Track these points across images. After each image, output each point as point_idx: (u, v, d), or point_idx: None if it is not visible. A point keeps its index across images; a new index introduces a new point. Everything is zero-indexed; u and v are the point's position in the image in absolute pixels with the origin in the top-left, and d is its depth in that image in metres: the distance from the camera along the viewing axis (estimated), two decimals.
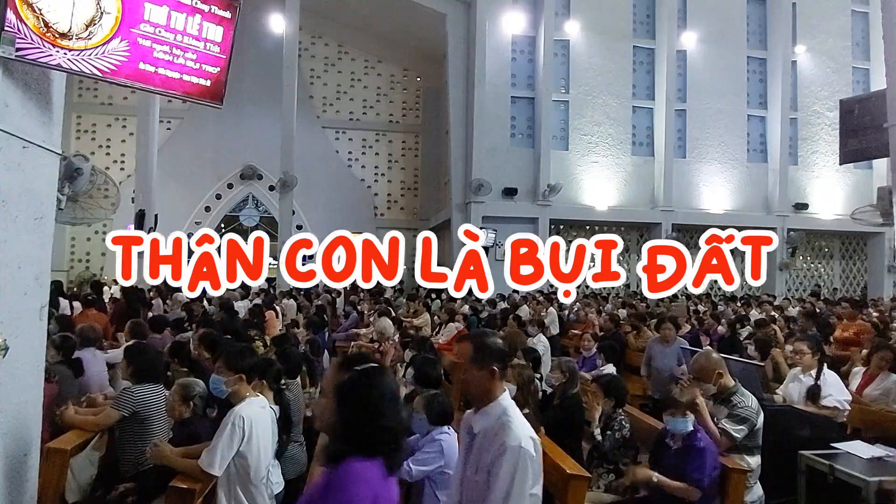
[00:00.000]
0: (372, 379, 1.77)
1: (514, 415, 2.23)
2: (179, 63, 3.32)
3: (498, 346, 2.29)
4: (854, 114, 4.64)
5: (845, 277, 19.89)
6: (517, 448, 2.11)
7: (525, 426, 2.22)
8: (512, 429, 2.15)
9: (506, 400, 2.26)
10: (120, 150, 19.59)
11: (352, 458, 1.67)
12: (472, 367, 2.24)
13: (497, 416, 2.21)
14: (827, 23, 18.96)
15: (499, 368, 2.25)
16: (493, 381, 2.23)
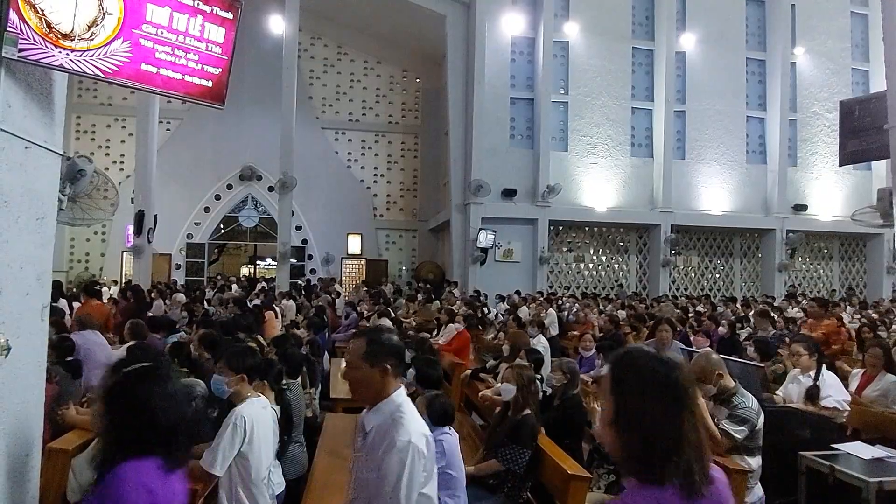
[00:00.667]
0: (140, 379, 1.79)
1: (407, 411, 2.18)
2: (181, 64, 3.32)
3: (392, 344, 2.26)
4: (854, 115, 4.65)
5: (844, 279, 19.91)
6: (406, 443, 2.06)
7: (418, 423, 2.18)
8: (403, 425, 2.10)
9: (400, 397, 2.22)
10: (119, 150, 19.59)
11: (124, 460, 1.67)
12: (363, 363, 2.19)
13: (390, 413, 2.17)
14: (826, 24, 18.99)
15: (392, 366, 2.20)
16: (385, 379, 2.19)
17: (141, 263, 14.64)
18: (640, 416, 1.36)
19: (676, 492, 1.33)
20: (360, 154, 21.34)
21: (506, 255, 16.92)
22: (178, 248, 19.44)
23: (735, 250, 19.30)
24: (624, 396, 1.40)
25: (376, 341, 2.23)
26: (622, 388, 1.41)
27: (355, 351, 2.22)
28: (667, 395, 1.37)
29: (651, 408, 1.36)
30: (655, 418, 1.35)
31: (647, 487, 1.35)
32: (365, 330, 2.41)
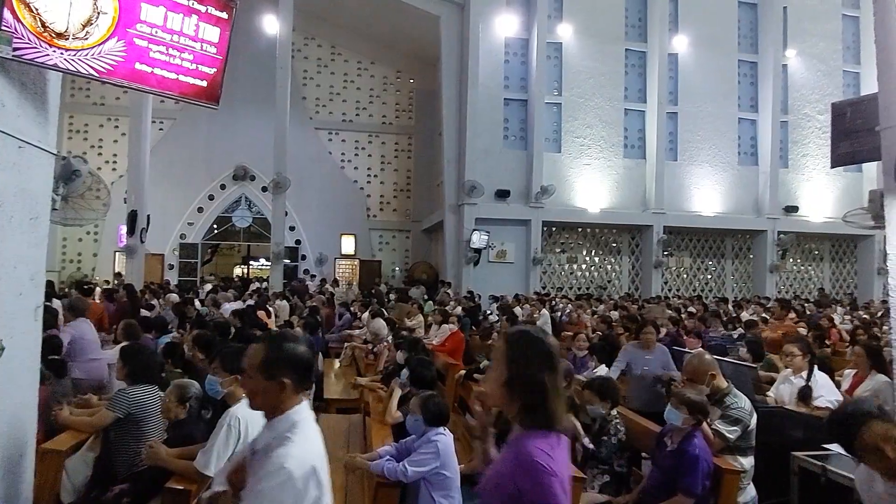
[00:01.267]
0: None
1: (300, 432, 1.89)
2: (176, 64, 3.32)
3: (295, 355, 1.96)
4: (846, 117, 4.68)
5: (835, 280, 20.05)
6: (279, 468, 1.77)
7: (307, 447, 1.87)
8: (286, 446, 1.83)
9: (297, 414, 1.93)
10: (112, 150, 19.49)
11: None
12: (257, 374, 1.93)
13: (281, 432, 1.89)
14: (817, 26, 19.12)
15: (290, 381, 1.92)
16: (281, 394, 1.91)
17: (134, 263, 14.56)
18: (529, 379, 1.75)
19: (558, 433, 1.76)
20: (354, 154, 21.33)
21: (499, 255, 16.94)
22: (171, 249, 19.36)
23: (727, 251, 19.40)
24: (517, 363, 1.77)
25: (275, 351, 1.95)
26: (516, 357, 1.78)
27: (252, 358, 1.96)
28: (546, 361, 1.77)
29: (536, 372, 1.75)
30: (540, 379, 1.74)
31: (537, 432, 1.73)
32: (268, 335, 2.15)
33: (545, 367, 1.77)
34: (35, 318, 2.82)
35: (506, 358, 1.79)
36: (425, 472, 3.35)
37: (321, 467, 1.87)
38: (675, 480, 3.42)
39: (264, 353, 1.95)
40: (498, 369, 1.80)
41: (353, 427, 5.41)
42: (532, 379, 1.75)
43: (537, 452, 1.69)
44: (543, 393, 1.74)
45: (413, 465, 3.35)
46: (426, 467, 3.35)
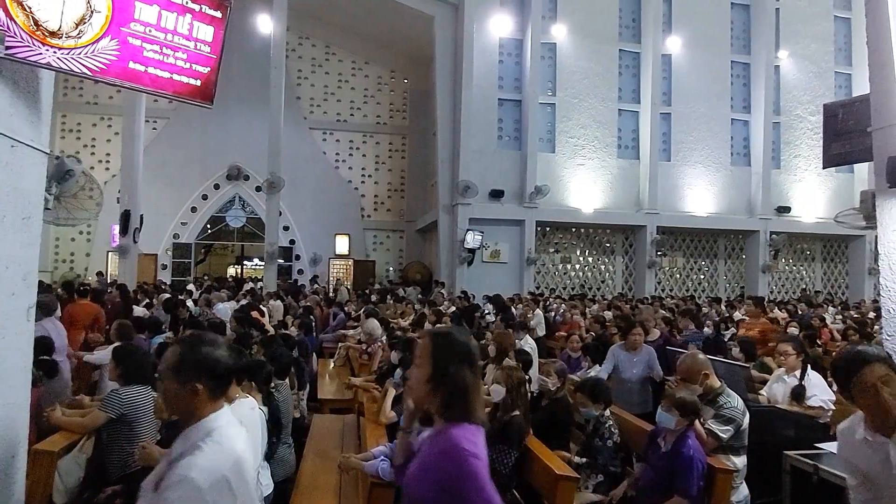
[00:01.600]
0: None
1: (215, 440, 1.78)
2: (170, 63, 3.30)
3: (211, 359, 1.85)
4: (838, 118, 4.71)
5: (827, 280, 20.18)
6: (182, 479, 1.67)
7: (219, 456, 1.76)
8: (193, 456, 1.73)
9: (213, 422, 1.82)
10: (105, 149, 19.40)
11: None
12: (171, 378, 1.83)
13: (194, 441, 1.78)
14: (809, 28, 19.24)
15: (204, 387, 1.81)
16: (194, 399, 1.81)
17: (126, 263, 14.50)
18: (451, 375, 1.86)
19: (477, 425, 1.88)
20: (348, 154, 21.31)
21: (493, 255, 16.96)
22: (164, 249, 19.28)
23: (720, 251, 19.49)
24: (441, 361, 1.89)
25: (188, 354, 1.85)
26: (439, 355, 1.90)
27: (166, 361, 1.87)
28: (466, 360, 1.90)
29: (458, 369, 1.87)
30: (461, 376, 1.87)
31: (459, 424, 1.84)
32: (184, 337, 2.04)
33: (466, 364, 1.89)
34: (27, 318, 2.80)
35: (430, 356, 1.91)
36: None
37: (237, 474, 1.77)
38: (671, 481, 3.44)
39: (177, 357, 1.85)
40: (423, 367, 1.92)
41: (347, 427, 5.41)
42: (454, 376, 1.86)
43: (461, 440, 1.79)
44: (464, 389, 1.86)
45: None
46: None
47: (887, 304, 4.31)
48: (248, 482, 1.83)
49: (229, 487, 1.73)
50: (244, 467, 1.83)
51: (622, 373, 5.83)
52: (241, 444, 1.87)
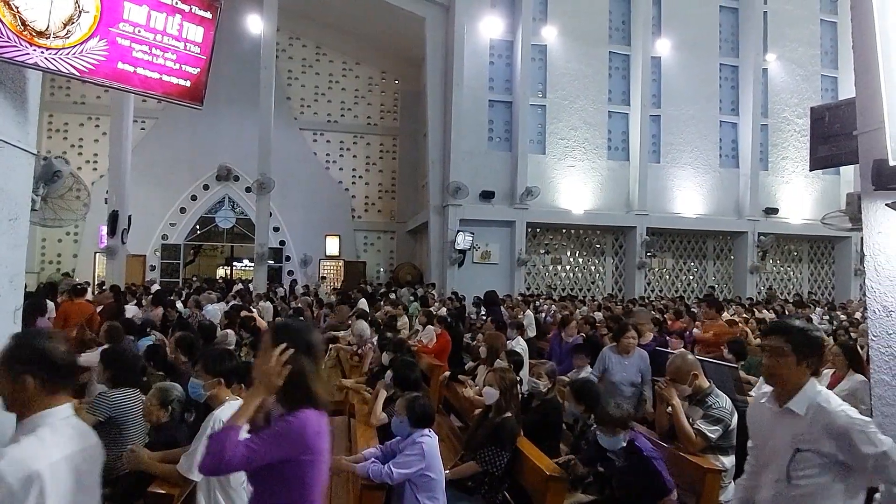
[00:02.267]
0: None
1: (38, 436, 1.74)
2: (159, 63, 3.29)
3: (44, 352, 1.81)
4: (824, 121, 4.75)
5: (814, 281, 20.36)
6: None
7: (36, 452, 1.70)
8: (12, 447, 1.70)
9: (46, 418, 1.79)
10: (93, 149, 19.24)
11: None
12: (3, 372, 1.80)
13: (19, 433, 1.76)
14: (797, 31, 19.42)
15: (36, 379, 1.78)
16: (24, 393, 1.77)
17: (114, 265, 14.38)
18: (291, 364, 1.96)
19: (319, 410, 2.00)
20: (339, 155, 21.28)
21: (483, 256, 16.98)
22: (152, 250, 19.15)
23: (708, 252, 19.62)
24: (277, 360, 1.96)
25: (19, 348, 1.82)
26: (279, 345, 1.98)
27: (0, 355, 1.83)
28: (306, 349, 2.01)
29: (297, 357, 1.98)
30: (300, 364, 1.98)
31: (302, 410, 1.96)
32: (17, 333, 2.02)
33: (305, 353, 2.01)
34: (14, 320, 2.78)
35: (271, 346, 1.99)
36: (410, 473, 3.35)
37: (55, 476, 1.71)
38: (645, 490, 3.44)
39: (8, 349, 1.82)
40: (265, 355, 2.00)
41: (337, 429, 5.40)
42: (293, 364, 1.96)
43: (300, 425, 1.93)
44: (304, 376, 1.98)
45: (398, 467, 3.35)
46: (411, 469, 3.35)
47: (873, 304, 4.36)
48: (70, 489, 1.77)
49: (40, 486, 1.66)
50: (68, 471, 1.77)
51: (612, 375, 5.60)
52: (73, 447, 1.82)
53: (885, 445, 2.14)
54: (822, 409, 2.23)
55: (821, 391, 2.32)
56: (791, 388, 2.31)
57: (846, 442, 2.16)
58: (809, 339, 2.35)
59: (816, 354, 2.35)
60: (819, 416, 2.22)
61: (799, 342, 2.32)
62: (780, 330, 2.39)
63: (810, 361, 2.32)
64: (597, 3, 17.97)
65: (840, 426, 2.18)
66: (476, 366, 6.55)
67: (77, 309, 7.49)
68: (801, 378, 2.31)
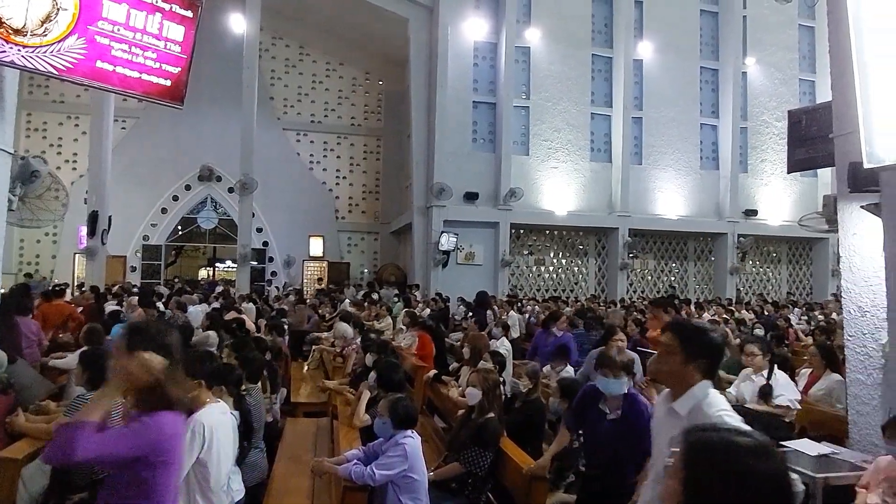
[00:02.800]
0: None
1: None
2: (139, 62, 3.26)
3: None
4: (801, 124, 4.85)
5: (792, 281, 20.67)
6: None
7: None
8: None
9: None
10: (72, 149, 18.98)
11: None
12: None
13: None
14: (775, 36, 19.70)
15: None
16: None
17: (94, 266, 14.19)
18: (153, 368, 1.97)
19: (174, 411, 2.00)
20: (323, 156, 21.20)
21: (467, 257, 17.01)
22: (133, 250, 18.93)
23: (689, 254, 19.83)
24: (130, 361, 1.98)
25: None
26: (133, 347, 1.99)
27: None
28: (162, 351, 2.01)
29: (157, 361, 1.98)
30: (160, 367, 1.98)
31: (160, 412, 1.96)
32: None
33: (162, 355, 2.01)
34: None
35: (126, 350, 2.01)
36: (393, 475, 3.35)
37: None
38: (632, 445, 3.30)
39: None
40: (121, 360, 2.02)
41: (320, 431, 5.38)
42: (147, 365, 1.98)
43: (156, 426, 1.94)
44: (159, 378, 1.99)
45: (381, 469, 3.35)
46: (394, 470, 3.35)
47: (848, 305, 4.45)
48: None
49: None
50: None
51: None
52: None
53: None
54: (700, 412, 2.15)
55: (709, 394, 2.23)
56: (680, 388, 2.24)
57: None
58: (703, 340, 2.28)
59: (707, 357, 2.26)
60: (695, 419, 2.11)
61: (690, 342, 2.26)
62: (673, 328, 2.36)
63: (700, 363, 2.24)
64: (580, 5, 18.09)
65: None
66: (459, 367, 6.56)
67: (56, 310, 7.41)
68: (689, 379, 2.24)
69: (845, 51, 3.86)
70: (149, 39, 3.32)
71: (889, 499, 3.39)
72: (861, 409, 4.31)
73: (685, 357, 2.24)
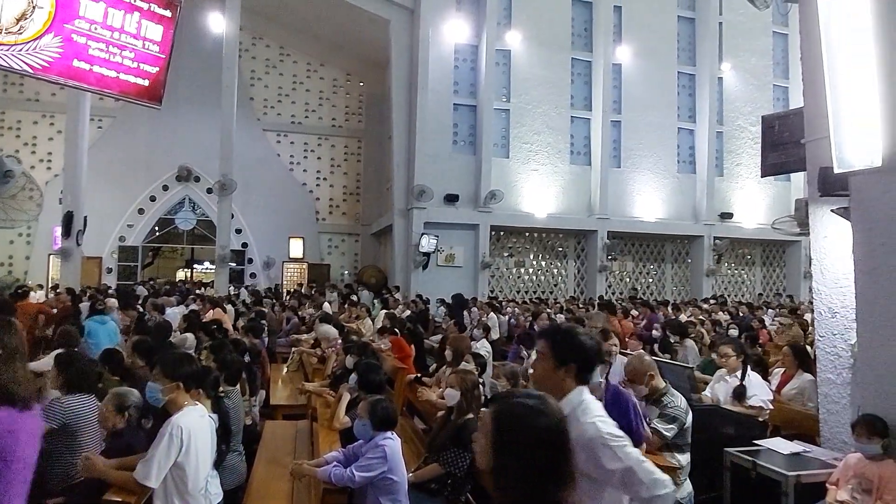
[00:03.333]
0: None
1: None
2: (116, 61, 3.24)
3: None
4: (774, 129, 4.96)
5: (766, 283, 21.03)
6: None
7: None
8: None
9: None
10: (47, 148, 18.66)
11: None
12: None
13: None
14: (750, 42, 20.06)
15: None
16: None
17: (69, 267, 13.95)
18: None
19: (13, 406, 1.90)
20: (303, 157, 21.10)
21: (448, 259, 17.03)
22: (109, 252, 18.65)
23: (667, 256, 20.08)
24: None
25: None
26: None
27: None
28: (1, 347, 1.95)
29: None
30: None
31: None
32: None
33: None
34: None
35: None
36: (373, 476, 3.35)
37: None
38: None
39: None
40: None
41: (300, 433, 5.36)
42: None
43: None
44: None
45: (361, 471, 3.35)
46: (374, 472, 3.35)
47: (819, 306, 4.56)
48: None
49: None
50: None
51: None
52: None
53: (631, 461, 2.05)
54: (575, 419, 2.06)
55: (583, 401, 2.17)
56: (557, 394, 2.12)
57: (592, 455, 2.04)
58: (571, 343, 2.23)
59: (576, 360, 2.20)
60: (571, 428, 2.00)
61: (558, 346, 2.22)
62: (545, 333, 2.34)
63: (571, 367, 2.19)
64: (560, 9, 18.23)
65: (587, 439, 2.05)
66: (437, 368, 6.58)
67: (20, 311, 7.26)
68: (562, 384, 2.18)
69: (816, 58, 3.96)
70: (126, 38, 3.30)
71: (858, 495, 3.49)
72: (831, 408, 4.41)
73: (555, 362, 2.20)
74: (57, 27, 2.87)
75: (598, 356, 2.33)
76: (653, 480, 2.05)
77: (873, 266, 3.71)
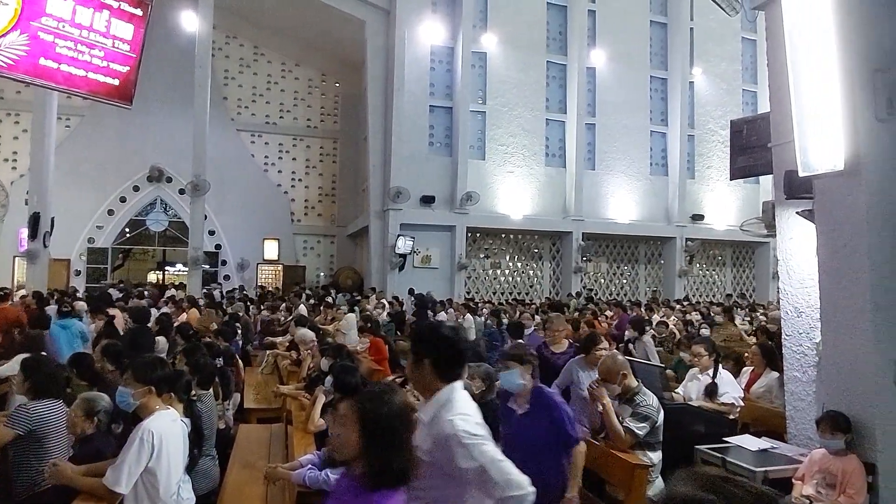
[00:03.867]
0: None
1: None
2: (85, 60, 3.19)
3: None
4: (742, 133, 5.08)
5: (736, 283, 21.44)
6: None
7: None
8: None
9: None
10: (12, 147, 18.17)
11: None
12: None
13: None
14: (720, 47, 20.46)
15: None
16: None
17: (36, 269, 13.63)
18: None
19: None
20: (278, 158, 20.90)
21: (424, 261, 17.04)
22: (77, 254, 18.25)
23: (640, 257, 20.35)
24: None
25: None
26: None
27: None
28: None
29: None
30: None
31: None
32: None
33: None
34: None
35: None
36: None
37: None
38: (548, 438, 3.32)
39: None
40: None
41: (274, 437, 5.30)
42: None
43: None
44: None
45: (335, 473, 3.33)
46: None
47: (786, 306, 4.67)
48: None
49: None
50: None
51: (582, 391, 4.93)
52: None
53: (485, 459, 2.00)
54: (439, 417, 2.04)
55: (451, 399, 2.11)
56: (426, 393, 2.13)
57: (448, 453, 2.00)
58: (431, 337, 2.19)
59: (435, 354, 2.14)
60: (434, 425, 2.04)
61: (419, 341, 2.20)
62: (413, 333, 2.34)
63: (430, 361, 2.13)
64: (535, 12, 18.37)
65: (444, 436, 2.01)
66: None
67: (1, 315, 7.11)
68: (432, 383, 2.13)
69: (782, 64, 4.06)
70: (96, 37, 3.25)
71: (822, 489, 3.58)
72: (797, 405, 4.51)
73: (415, 357, 2.17)
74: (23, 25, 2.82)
75: (461, 351, 2.21)
76: (506, 480, 2.01)
77: (836, 267, 3.81)
